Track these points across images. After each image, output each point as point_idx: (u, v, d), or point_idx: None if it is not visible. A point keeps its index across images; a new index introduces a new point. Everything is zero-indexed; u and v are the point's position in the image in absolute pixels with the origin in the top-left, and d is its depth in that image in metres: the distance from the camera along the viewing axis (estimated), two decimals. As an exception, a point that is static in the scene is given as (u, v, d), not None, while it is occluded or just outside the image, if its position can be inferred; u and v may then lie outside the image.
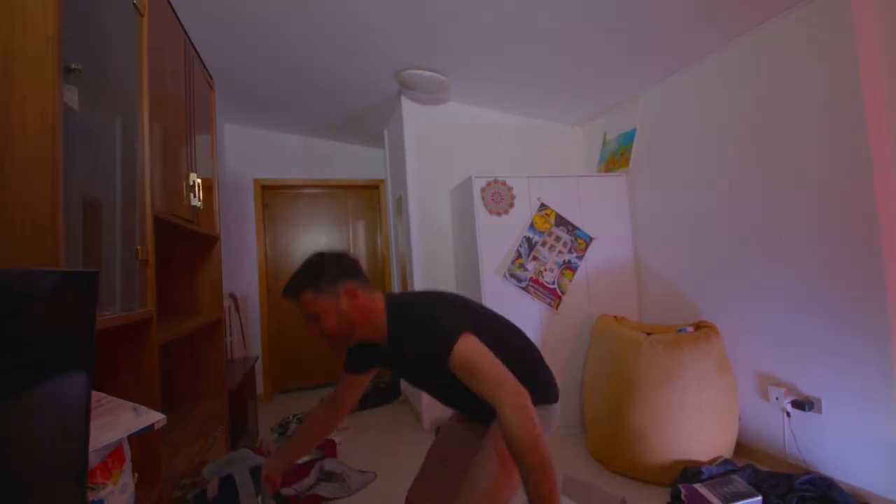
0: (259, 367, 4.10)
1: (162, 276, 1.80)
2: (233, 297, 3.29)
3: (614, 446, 2.38)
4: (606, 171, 3.28)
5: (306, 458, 2.53)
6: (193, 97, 1.70)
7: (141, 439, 1.15)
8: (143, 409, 0.94)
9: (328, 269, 1.21)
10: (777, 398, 2.25)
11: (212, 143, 2.01)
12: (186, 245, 1.93)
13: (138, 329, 1.22)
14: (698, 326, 2.52)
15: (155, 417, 0.93)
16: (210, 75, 2.05)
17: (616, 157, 3.20)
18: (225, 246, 3.58)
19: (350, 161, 4.49)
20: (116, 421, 0.88)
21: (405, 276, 3.64)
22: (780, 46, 2.23)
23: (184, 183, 1.51)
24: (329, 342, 1.23)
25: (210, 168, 1.98)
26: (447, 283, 3.33)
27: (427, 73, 2.92)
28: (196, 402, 1.86)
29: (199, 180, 1.61)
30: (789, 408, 2.20)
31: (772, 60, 2.27)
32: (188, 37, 1.73)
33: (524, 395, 1.04)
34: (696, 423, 2.21)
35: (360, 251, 4.63)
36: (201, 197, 1.63)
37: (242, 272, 3.97)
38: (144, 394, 1.19)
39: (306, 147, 4.31)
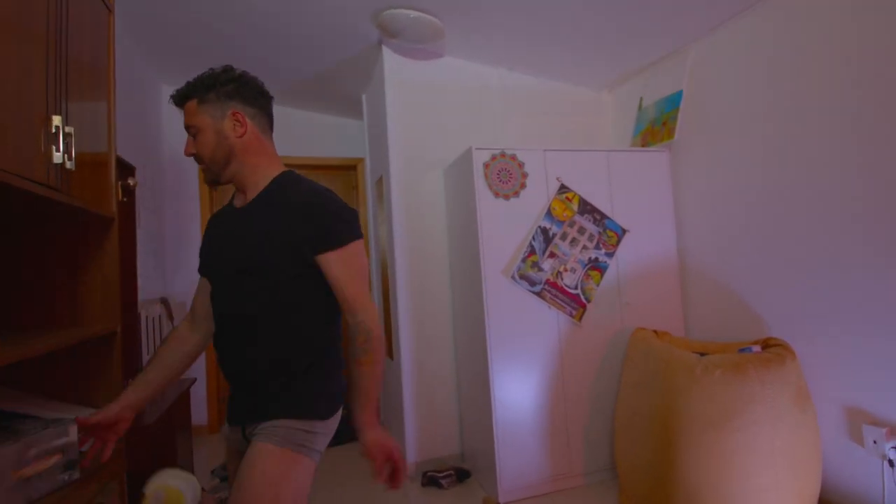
0: (202, 391, 3.37)
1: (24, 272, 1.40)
2: (164, 302, 2.63)
3: (660, 505, 1.90)
4: (643, 145, 2.73)
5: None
6: (66, 13, 1.20)
7: None
8: None
9: (225, 84, 1.15)
10: (875, 441, 1.80)
11: (108, 93, 1.50)
12: (68, 229, 1.48)
13: None
14: (766, 345, 2.05)
15: None
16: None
17: (656, 127, 2.66)
18: (158, 239, 2.94)
19: (323, 135, 3.84)
20: None
21: (386, 277, 3.01)
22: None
23: (41, 129, 1.07)
24: (203, 167, 1.17)
25: (105, 132, 1.48)
26: (440, 285, 2.74)
27: (414, 14, 2.37)
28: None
29: (69, 129, 1.18)
30: (893, 455, 1.75)
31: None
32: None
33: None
34: (770, 475, 1.76)
35: (335, 244, 3.97)
36: (73, 153, 1.18)
37: (182, 272, 3.22)
38: None
39: (268, 117, 3.62)
